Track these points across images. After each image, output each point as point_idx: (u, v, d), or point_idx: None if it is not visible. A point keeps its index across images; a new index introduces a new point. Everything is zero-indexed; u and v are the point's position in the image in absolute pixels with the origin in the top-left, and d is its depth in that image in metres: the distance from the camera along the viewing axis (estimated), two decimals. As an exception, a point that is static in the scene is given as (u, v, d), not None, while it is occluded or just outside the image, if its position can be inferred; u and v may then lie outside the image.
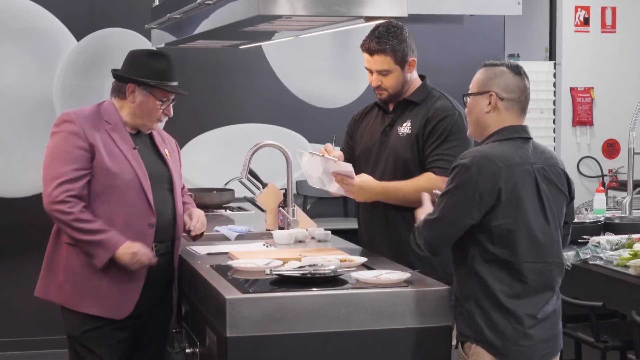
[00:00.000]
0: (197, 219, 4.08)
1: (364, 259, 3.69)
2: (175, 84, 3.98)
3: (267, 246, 4.18)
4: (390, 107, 4.13)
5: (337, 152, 4.09)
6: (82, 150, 3.81)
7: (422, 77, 4.13)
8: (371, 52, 4.00)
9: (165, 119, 4.03)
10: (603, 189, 5.65)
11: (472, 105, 3.34)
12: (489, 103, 3.29)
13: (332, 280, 3.38)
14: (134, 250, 3.81)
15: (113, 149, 3.87)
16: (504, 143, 3.26)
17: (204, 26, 4.35)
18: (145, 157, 3.96)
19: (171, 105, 4.00)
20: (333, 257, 3.67)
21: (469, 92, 3.35)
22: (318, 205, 6.96)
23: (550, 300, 3.28)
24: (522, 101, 3.31)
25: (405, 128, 4.03)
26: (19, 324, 6.74)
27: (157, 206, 3.91)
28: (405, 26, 4.04)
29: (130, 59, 4.00)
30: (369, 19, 3.55)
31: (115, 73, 4.00)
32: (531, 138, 3.33)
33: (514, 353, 3.21)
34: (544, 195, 3.26)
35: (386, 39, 3.97)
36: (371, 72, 4.05)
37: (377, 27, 3.98)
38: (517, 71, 3.31)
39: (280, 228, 4.51)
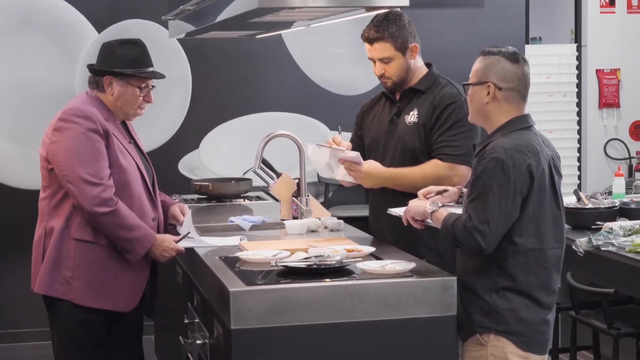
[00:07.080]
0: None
1: (372, 249, 3.67)
2: (151, 69, 3.91)
3: (242, 239, 4.05)
4: (397, 96, 4.11)
5: (346, 142, 4.09)
6: (103, 146, 3.76)
7: (428, 65, 4.11)
8: (371, 41, 3.99)
9: (147, 105, 3.95)
10: (622, 173, 5.58)
11: (472, 95, 3.34)
12: (488, 93, 3.27)
13: (338, 271, 3.37)
14: (165, 245, 3.85)
15: (119, 145, 3.85)
16: (521, 133, 3.25)
17: (218, 17, 4.35)
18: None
19: (151, 91, 3.93)
20: (340, 247, 3.66)
21: (469, 82, 3.34)
22: (340, 193, 6.94)
23: (557, 285, 3.31)
24: (521, 89, 3.29)
25: (412, 117, 4.02)
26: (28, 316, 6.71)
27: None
28: (404, 13, 4.01)
29: (103, 51, 3.94)
30: (370, 9, 3.55)
31: (91, 67, 3.93)
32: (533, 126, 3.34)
33: (534, 340, 3.24)
34: (555, 180, 3.27)
35: (385, 26, 3.94)
36: (374, 61, 4.04)
37: (376, 16, 3.97)
38: (514, 58, 3.28)
39: (295, 218, 4.50)
